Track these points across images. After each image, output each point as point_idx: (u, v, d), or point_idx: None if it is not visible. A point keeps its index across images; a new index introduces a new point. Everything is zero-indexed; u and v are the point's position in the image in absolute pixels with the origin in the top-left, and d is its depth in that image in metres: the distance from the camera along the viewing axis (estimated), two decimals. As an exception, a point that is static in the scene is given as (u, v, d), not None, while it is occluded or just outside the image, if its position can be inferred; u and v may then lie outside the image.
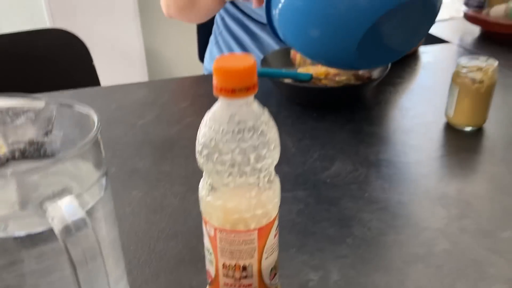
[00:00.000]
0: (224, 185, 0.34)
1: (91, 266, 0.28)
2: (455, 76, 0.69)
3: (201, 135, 0.34)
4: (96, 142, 0.33)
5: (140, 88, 0.88)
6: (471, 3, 1.11)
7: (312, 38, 0.69)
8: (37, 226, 0.30)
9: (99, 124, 0.33)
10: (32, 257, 0.31)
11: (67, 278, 0.30)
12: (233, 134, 0.32)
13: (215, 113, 0.33)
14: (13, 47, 1.05)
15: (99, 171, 0.34)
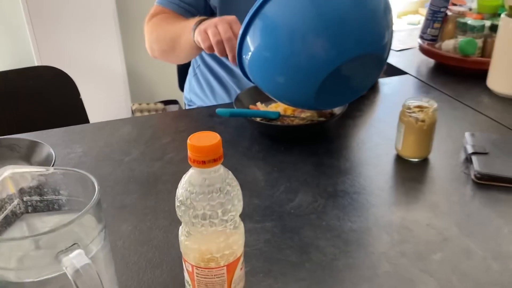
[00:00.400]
0: (198, 232, 0.44)
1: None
2: (401, 115, 0.80)
3: (179, 194, 0.43)
4: (98, 203, 0.42)
5: (125, 124, 0.97)
6: (425, 37, 1.22)
7: (277, 83, 0.79)
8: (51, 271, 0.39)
9: (99, 188, 0.42)
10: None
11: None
12: (204, 194, 0.42)
13: (190, 178, 0.43)
14: (3, 85, 1.13)
15: (100, 224, 0.43)
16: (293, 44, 0.74)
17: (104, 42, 2.13)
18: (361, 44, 0.74)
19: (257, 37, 0.76)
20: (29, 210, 0.47)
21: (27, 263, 0.41)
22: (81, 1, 2.02)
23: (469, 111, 0.99)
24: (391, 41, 0.81)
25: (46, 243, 0.40)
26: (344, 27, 0.72)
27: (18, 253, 0.41)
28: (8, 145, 0.80)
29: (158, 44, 1.07)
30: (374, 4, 0.76)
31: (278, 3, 0.74)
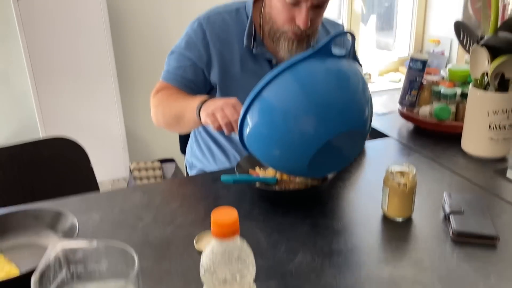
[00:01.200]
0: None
1: None
2: (385, 179, 0.90)
3: (203, 262, 0.52)
4: (137, 275, 0.50)
5: (136, 191, 1.06)
6: (404, 103, 1.36)
7: (274, 155, 0.90)
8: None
9: (138, 260, 0.51)
10: None
11: None
12: (225, 262, 0.51)
13: (213, 248, 0.52)
14: (20, 156, 1.22)
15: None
16: (287, 123, 0.85)
17: (105, 105, 2.25)
18: (345, 122, 0.86)
19: (256, 116, 0.88)
20: (74, 278, 0.55)
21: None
22: (84, 67, 2.16)
23: (446, 172, 1.10)
24: (371, 114, 0.93)
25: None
26: (329, 109, 0.84)
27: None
28: (33, 215, 0.89)
29: (163, 118, 1.18)
30: (354, 85, 0.89)
31: (274, 89, 0.86)
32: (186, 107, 1.09)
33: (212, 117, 0.98)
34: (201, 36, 1.19)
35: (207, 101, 1.03)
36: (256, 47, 1.20)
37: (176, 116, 1.13)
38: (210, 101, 1.03)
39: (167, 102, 1.16)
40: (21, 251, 0.83)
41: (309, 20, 1.08)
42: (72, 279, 0.55)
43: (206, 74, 1.21)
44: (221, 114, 0.96)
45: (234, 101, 0.98)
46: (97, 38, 2.12)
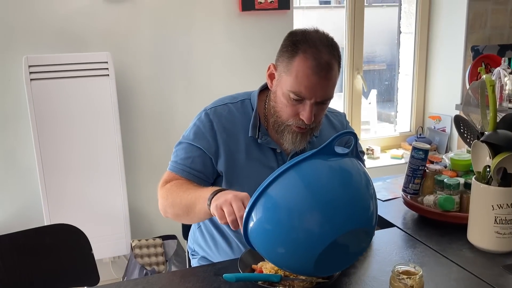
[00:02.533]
0: None
1: None
2: (392, 280, 0.88)
3: None
4: None
5: (137, 285, 1.04)
6: (408, 191, 1.36)
7: (278, 253, 0.89)
8: None
9: None
10: None
11: None
12: None
13: None
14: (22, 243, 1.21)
15: None
16: (291, 221, 0.85)
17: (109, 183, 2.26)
18: (351, 220, 0.86)
19: (261, 212, 0.88)
20: None
21: None
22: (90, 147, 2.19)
23: (454, 267, 1.08)
24: (376, 209, 0.93)
25: None
26: (334, 207, 0.85)
27: None
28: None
29: (173, 209, 1.18)
30: (357, 183, 0.90)
31: (279, 186, 0.87)
32: (198, 199, 1.09)
33: (219, 212, 0.98)
34: (208, 126, 1.22)
35: (218, 193, 1.03)
36: (261, 137, 1.23)
37: (187, 207, 1.13)
38: (221, 193, 1.03)
39: (177, 193, 1.17)
40: None
41: (312, 116, 1.12)
42: None
43: (213, 163, 1.23)
44: (228, 209, 0.96)
45: (244, 195, 0.99)
46: (105, 119, 2.17)
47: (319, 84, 1.09)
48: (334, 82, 1.12)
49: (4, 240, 1.20)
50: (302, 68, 1.08)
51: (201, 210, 1.08)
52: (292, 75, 1.10)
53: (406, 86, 3.10)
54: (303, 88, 1.09)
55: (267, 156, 1.24)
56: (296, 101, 1.12)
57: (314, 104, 1.11)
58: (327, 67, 1.09)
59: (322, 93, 1.10)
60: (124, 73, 2.33)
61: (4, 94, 2.18)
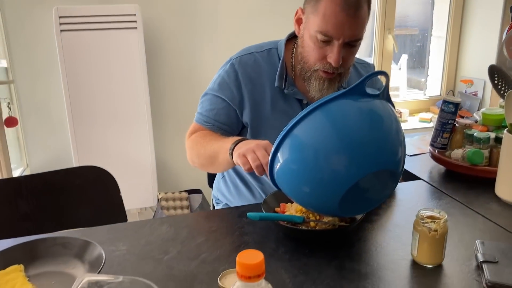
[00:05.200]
0: (242, 337, 0.51)
1: None
2: (415, 224, 0.88)
3: (228, 303, 0.52)
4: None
5: (163, 223, 1.07)
6: (435, 145, 1.34)
7: (303, 192, 0.90)
8: None
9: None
10: None
11: None
12: (249, 304, 0.50)
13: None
14: (52, 183, 1.26)
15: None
16: (317, 161, 0.85)
17: (137, 136, 2.30)
18: (377, 162, 0.85)
19: (287, 153, 0.88)
20: (98, 312, 0.55)
21: None
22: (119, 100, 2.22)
23: (479, 218, 1.07)
24: (404, 156, 0.92)
25: None
26: (361, 147, 0.83)
27: None
28: (62, 243, 0.90)
29: (198, 159, 1.20)
30: (387, 126, 0.88)
31: (306, 126, 0.86)
32: (220, 149, 1.11)
33: (243, 159, 0.99)
34: (233, 77, 1.22)
35: (239, 143, 1.04)
36: (287, 87, 1.22)
37: (210, 158, 1.15)
38: (243, 142, 1.04)
39: (201, 144, 1.19)
40: (48, 279, 0.84)
41: (340, 58, 1.09)
42: (97, 313, 0.55)
43: (238, 114, 1.23)
44: (252, 156, 0.97)
45: (266, 143, 0.99)
46: (133, 72, 2.19)
47: (347, 22, 1.06)
48: (363, 22, 1.09)
49: (37, 179, 1.25)
50: (330, 6, 1.05)
51: (223, 160, 1.10)
52: (319, 15, 1.07)
53: (438, 49, 3.00)
54: (331, 27, 1.06)
55: (293, 107, 1.24)
56: (324, 43, 1.09)
57: (342, 45, 1.08)
58: (355, 5, 1.05)
59: (350, 32, 1.07)
60: (152, 27, 2.33)
61: (36, 46, 2.21)
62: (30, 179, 1.23)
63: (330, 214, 0.95)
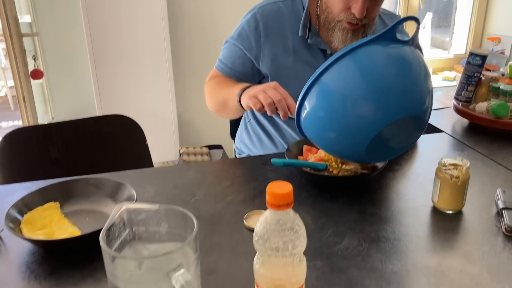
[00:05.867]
0: (271, 262, 0.55)
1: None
2: (437, 171, 0.90)
3: (257, 230, 0.55)
4: (196, 237, 0.53)
5: (190, 169, 1.10)
6: (460, 98, 1.33)
7: (330, 139, 0.91)
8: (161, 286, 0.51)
9: (197, 224, 0.54)
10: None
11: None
12: (278, 231, 0.53)
13: (267, 218, 0.54)
14: (82, 130, 1.30)
15: (196, 254, 0.54)
16: (345, 107, 0.86)
17: (159, 91, 2.33)
18: (405, 108, 0.85)
19: (314, 99, 0.89)
20: (135, 238, 0.59)
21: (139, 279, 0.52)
22: (141, 53, 2.24)
23: (501, 169, 1.07)
24: (432, 105, 0.92)
25: (157, 263, 0.52)
26: (389, 94, 0.84)
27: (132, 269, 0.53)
28: (94, 183, 0.94)
29: (213, 104, 1.26)
30: (416, 72, 0.88)
31: (334, 73, 0.86)
32: (229, 95, 1.14)
33: (253, 99, 1.00)
34: (253, 27, 1.22)
35: (247, 88, 1.06)
36: (311, 37, 1.21)
37: (222, 103, 1.19)
38: (251, 87, 1.06)
39: (215, 90, 1.23)
40: (83, 216, 0.89)
41: (365, 9, 1.08)
42: (134, 239, 0.59)
43: (256, 64, 1.24)
44: (263, 95, 0.99)
45: (274, 84, 1.01)
46: (154, 24, 2.19)
47: None
48: None
49: (67, 126, 1.29)
50: None
51: (233, 106, 1.13)
52: None
53: (466, 5, 2.91)
54: None
55: (316, 58, 1.23)
56: None
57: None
58: None
59: None
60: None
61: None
62: (60, 126, 1.27)
63: (355, 160, 0.96)
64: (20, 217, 0.84)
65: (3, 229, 0.86)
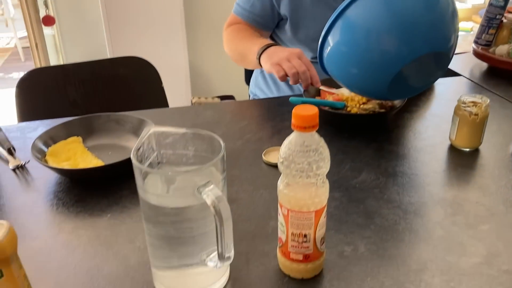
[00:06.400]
0: (295, 183, 0.56)
1: (228, 222, 0.50)
2: (456, 109, 0.90)
3: (282, 152, 0.56)
4: (223, 158, 0.55)
5: (207, 109, 1.11)
6: (480, 42, 1.31)
7: (353, 74, 0.91)
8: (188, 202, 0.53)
9: (224, 146, 0.56)
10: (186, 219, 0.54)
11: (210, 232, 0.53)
12: (303, 152, 0.55)
13: (292, 140, 0.55)
14: (97, 72, 1.30)
15: (223, 174, 0.56)
16: (369, 42, 0.85)
17: (171, 39, 2.31)
18: (430, 43, 0.84)
19: (338, 35, 0.88)
20: (163, 161, 0.61)
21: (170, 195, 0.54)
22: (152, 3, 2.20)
23: (520, 111, 1.07)
24: (456, 43, 0.91)
25: (186, 180, 0.54)
26: (415, 28, 0.83)
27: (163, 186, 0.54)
28: (115, 119, 0.96)
29: (232, 54, 1.26)
30: (443, 8, 0.86)
31: (358, 7, 0.85)
32: (250, 50, 1.13)
33: (277, 67, 1.01)
34: None
35: (269, 48, 1.06)
36: (331, -24, 1.18)
37: (241, 55, 1.20)
38: (272, 49, 1.05)
39: (235, 40, 1.22)
40: (105, 150, 0.91)
41: None
42: (162, 162, 0.60)
43: (275, 5, 1.22)
44: (288, 65, 0.99)
45: (299, 52, 1.01)
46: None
47: None
48: None
49: (84, 67, 1.29)
50: None
51: (252, 61, 1.13)
52: None
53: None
54: None
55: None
56: None
57: None
58: None
59: None
60: None
61: None
62: (77, 67, 1.27)
63: (376, 96, 0.96)
64: (45, 149, 0.86)
65: (29, 160, 0.89)
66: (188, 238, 0.55)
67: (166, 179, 0.55)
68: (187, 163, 0.60)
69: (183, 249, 0.55)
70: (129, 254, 0.66)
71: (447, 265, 0.63)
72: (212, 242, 0.55)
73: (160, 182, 0.55)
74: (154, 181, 0.54)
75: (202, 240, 0.55)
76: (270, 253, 0.66)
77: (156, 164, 0.60)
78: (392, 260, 0.64)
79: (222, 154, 0.54)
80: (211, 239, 0.55)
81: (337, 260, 0.65)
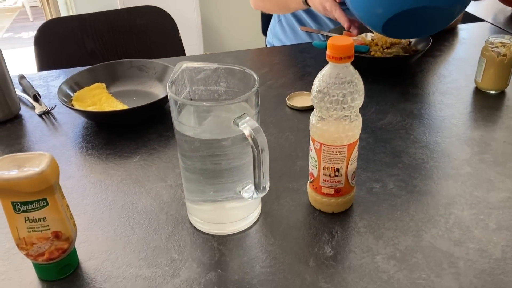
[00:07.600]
0: (329, 116, 0.56)
1: (265, 153, 0.51)
2: (483, 50, 0.88)
3: (316, 85, 0.56)
4: (256, 92, 0.55)
5: (227, 56, 1.10)
6: (505, -14, 1.27)
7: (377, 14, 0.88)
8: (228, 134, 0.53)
9: (258, 80, 0.55)
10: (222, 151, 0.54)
11: (246, 164, 0.53)
12: (338, 84, 0.54)
13: (327, 72, 0.55)
14: (115, 21, 1.29)
15: (257, 108, 0.56)
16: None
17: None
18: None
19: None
20: (195, 97, 0.61)
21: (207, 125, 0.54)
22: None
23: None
24: None
25: (221, 113, 0.54)
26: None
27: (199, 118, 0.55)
28: (137, 66, 0.96)
29: (264, 3, 1.22)
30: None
31: None
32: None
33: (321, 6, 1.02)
34: None
35: None
36: None
37: (279, 4, 1.16)
38: None
39: None
40: (129, 96, 0.91)
41: None
42: (194, 99, 0.60)
43: None
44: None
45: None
46: None
47: None
48: None
49: (101, 17, 1.28)
50: None
51: (296, 5, 1.12)
52: None
53: None
54: None
55: None
56: None
57: None
58: None
59: None
60: None
61: None
62: (94, 17, 1.26)
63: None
64: (71, 94, 0.87)
65: (55, 106, 0.89)
66: (224, 171, 0.56)
67: (202, 111, 0.55)
68: (219, 100, 0.60)
69: (219, 181, 0.56)
70: (161, 192, 0.68)
71: (476, 200, 0.64)
72: (247, 175, 0.56)
73: (196, 114, 0.55)
74: (189, 114, 0.55)
75: (238, 173, 0.56)
76: (300, 190, 0.67)
77: (189, 101, 0.60)
78: (421, 196, 0.65)
79: (256, 87, 0.54)
80: (247, 172, 0.55)
81: (367, 196, 0.66)
